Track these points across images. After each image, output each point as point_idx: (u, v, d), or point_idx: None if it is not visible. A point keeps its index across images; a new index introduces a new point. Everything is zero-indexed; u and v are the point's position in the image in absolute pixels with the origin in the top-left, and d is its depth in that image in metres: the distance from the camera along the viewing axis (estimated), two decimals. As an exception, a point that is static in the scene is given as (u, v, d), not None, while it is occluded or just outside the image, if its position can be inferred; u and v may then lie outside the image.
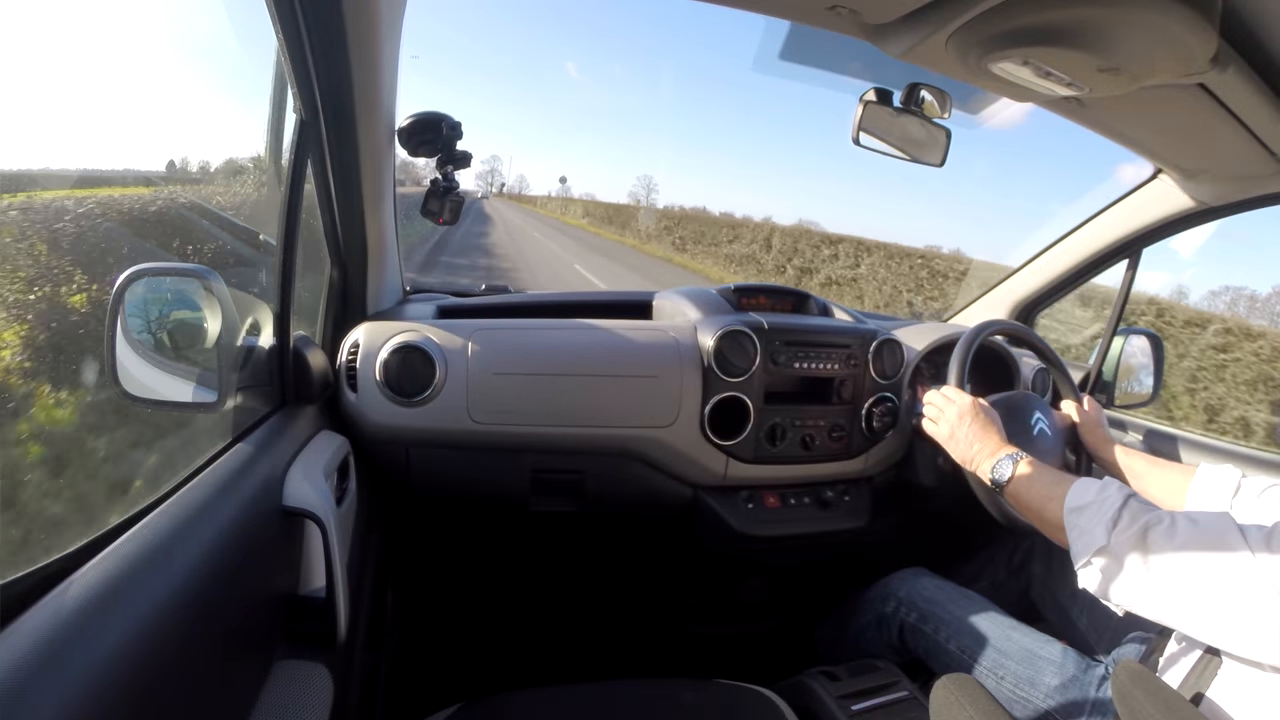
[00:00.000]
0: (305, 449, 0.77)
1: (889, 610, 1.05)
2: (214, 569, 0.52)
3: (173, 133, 1.00)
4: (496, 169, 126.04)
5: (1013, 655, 0.89)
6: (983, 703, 0.64)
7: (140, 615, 0.43)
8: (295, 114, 0.76)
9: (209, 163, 1.17)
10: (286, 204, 0.74)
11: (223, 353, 0.66)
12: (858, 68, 0.98)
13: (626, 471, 1.08)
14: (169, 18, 0.89)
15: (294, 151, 0.77)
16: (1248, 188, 1.10)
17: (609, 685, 0.85)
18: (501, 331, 1.01)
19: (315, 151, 0.82)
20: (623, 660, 1.40)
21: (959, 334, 1.10)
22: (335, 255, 0.98)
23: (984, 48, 0.70)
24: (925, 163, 1.01)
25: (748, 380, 1.07)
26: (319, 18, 0.70)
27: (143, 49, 0.81)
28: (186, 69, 0.94)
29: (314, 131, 0.79)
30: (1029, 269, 1.51)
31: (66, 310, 0.72)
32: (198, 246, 1.00)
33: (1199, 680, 0.67)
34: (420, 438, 0.98)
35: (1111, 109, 0.90)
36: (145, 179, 0.93)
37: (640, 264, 18.00)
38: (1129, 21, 0.61)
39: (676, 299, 1.19)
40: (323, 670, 0.70)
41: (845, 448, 1.16)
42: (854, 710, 0.85)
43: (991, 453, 0.89)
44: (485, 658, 1.36)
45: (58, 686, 0.35)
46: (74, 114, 0.67)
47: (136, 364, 0.62)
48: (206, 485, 0.57)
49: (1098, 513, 0.70)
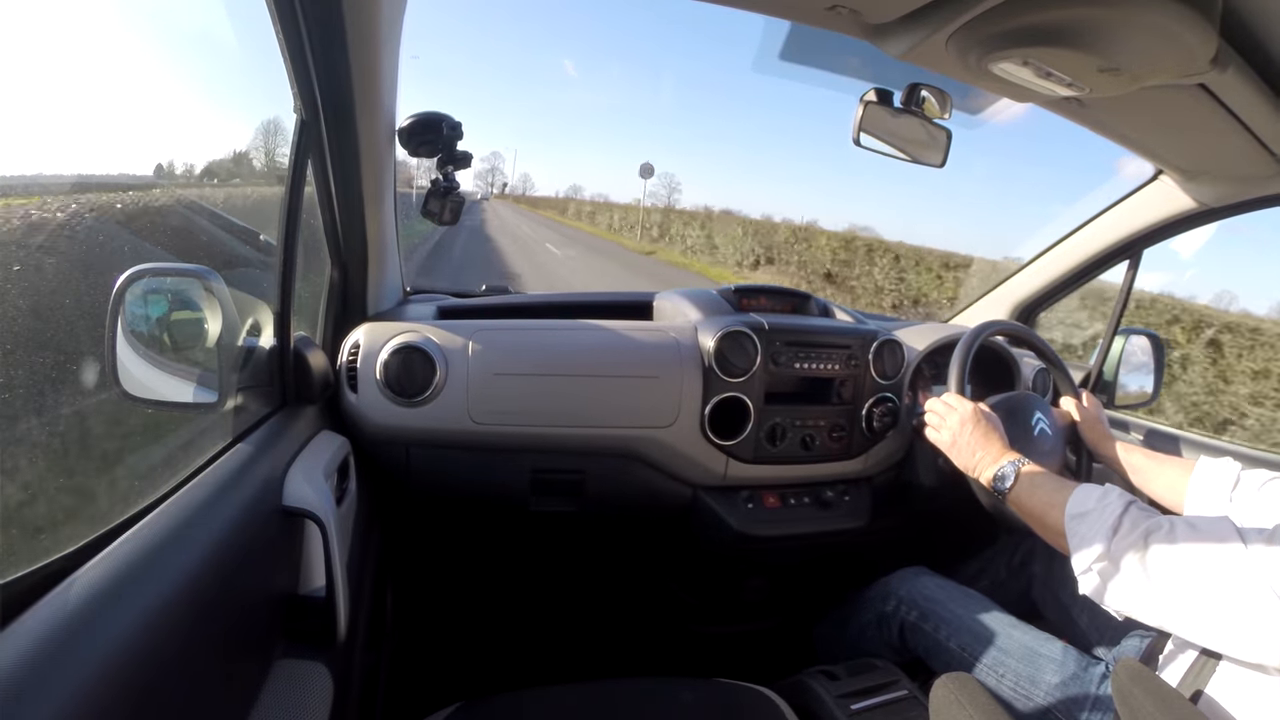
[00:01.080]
0: (305, 449, 0.78)
1: (889, 609, 1.05)
2: (214, 569, 0.52)
3: (172, 133, 1.00)
4: (498, 167, 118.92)
5: (1013, 653, 0.89)
6: (982, 701, 0.64)
7: (140, 614, 0.43)
8: (295, 114, 0.76)
9: (209, 162, 1.17)
10: (286, 204, 0.74)
11: (223, 353, 0.67)
12: (858, 68, 0.98)
13: (627, 472, 1.08)
14: (169, 17, 0.89)
15: (294, 151, 0.77)
16: (1248, 188, 1.10)
17: (609, 685, 0.85)
18: (502, 332, 1.01)
19: (315, 151, 0.82)
20: (623, 660, 1.40)
21: (959, 334, 1.10)
22: (335, 255, 0.98)
23: (984, 48, 0.70)
24: (926, 163, 1.01)
25: (748, 380, 1.07)
26: (319, 17, 0.70)
27: (141, 49, 0.81)
28: (186, 69, 0.94)
29: (314, 131, 0.79)
30: (1030, 269, 1.51)
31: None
32: (203, 248, 1.00)
33: (1198, 678, 0.67)
34: (420, 438, 0.98)
35: (1112, 109, 0.90)
36: (142, 181, 0.93)
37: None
38: (1129, 22, 0.61)
39: (677, 299, 1.20)
40: (323, 669, 0.70)
41: (845, 448, 1.16)
42: (854, 709, 0.85)
43: (994, 460, 0.90)
44: (485, 657, 1.36)
45: (58, 686, 0.35)
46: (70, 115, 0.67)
47: (136, 364, 0.62)
48: (206, 485, 0.58)
49: (1099, 519, 0.70)
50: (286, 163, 0.77)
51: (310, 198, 0.87)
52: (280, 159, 0.84)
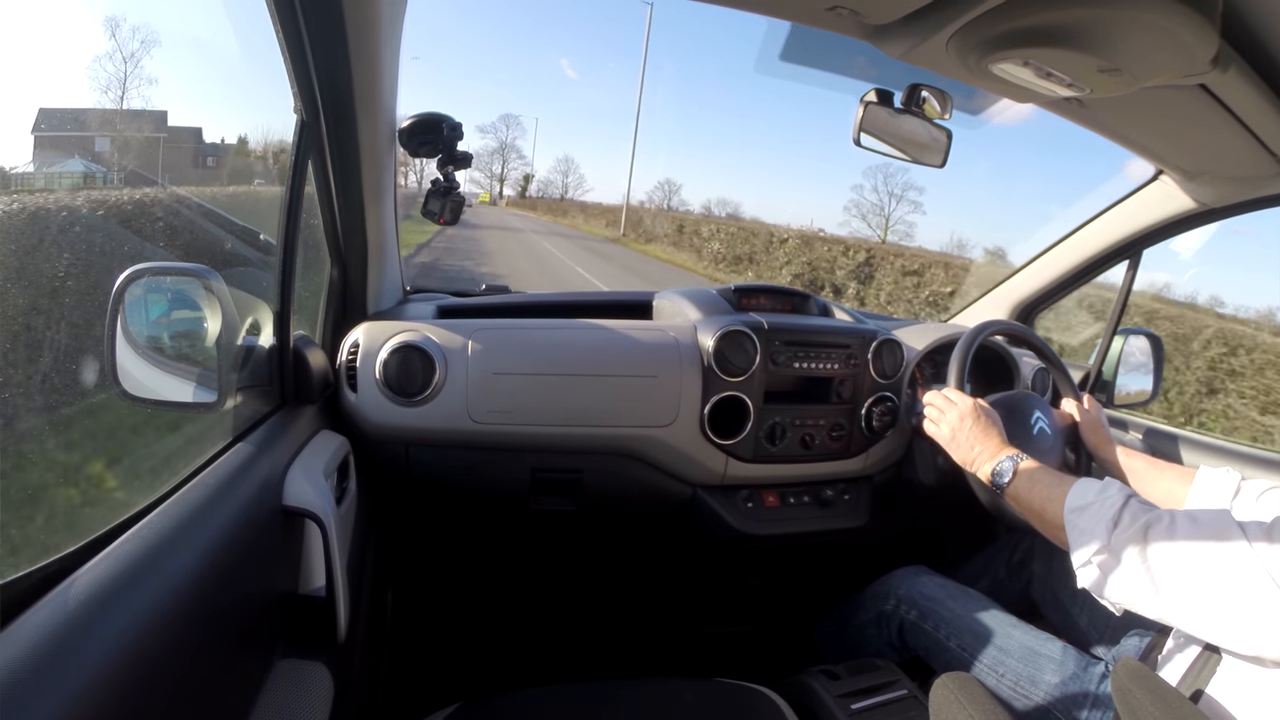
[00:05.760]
0: (305, 449, 0.78)
1: (889, 608, 1.05)
2: (214, 568, 0.52)
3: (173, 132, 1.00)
4: (512, 144, 62.11)
5: (1013, 653, 0.89)
6: (982, 701, 0.65)
7: (140, 614, 0.43)
8: (296, 115, 0.76)
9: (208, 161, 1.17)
10: (287, 204, 0.74)
11: (223, 352, 0.67)
12: (859, 68, 0.98)
13: (626, 471, 1.08)
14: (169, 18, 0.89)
15: (294, 151, 0.77)
16: (1249, 189, 1.10)
17: (609, 685, 0.85)
18: (501, 331, 1.01)
19: (316, 151, 0.82)
20: (623, 660, 1.40)
21: (959, 334, 1.10)
22: (335, 255, 0.98)
23: (984, 49, 0.70)
24: (926, 164, 1.01)
25: (747, 380, 1.07)
26: (319, 17, 0.70)
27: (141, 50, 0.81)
28: (184, 70, 0.94)
29: (314, 132, 0.79)
30: (1029, 269, 1.51)
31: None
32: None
33: (1198, 677, 0.67)
34: (420, 437, 0.98)
35: (1112, 110, 0.90)
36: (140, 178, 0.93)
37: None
38: (1129, 22, 0.61)
39: (676, 299, 1.20)
40: (323, 669, 0.70)
41: (845, 447, 1.16)
42: (854, 709, 0.85)
43: (992, 455, 0.90)
44: (485, 657, 1.36)
45: (58, 686, 0.35)
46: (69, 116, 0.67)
47: (136, 364, 0.62)
48: (206, 485, 0.58)
49: (1098, 513, 0.70)
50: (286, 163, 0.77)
51: (310, 197, 0.87)
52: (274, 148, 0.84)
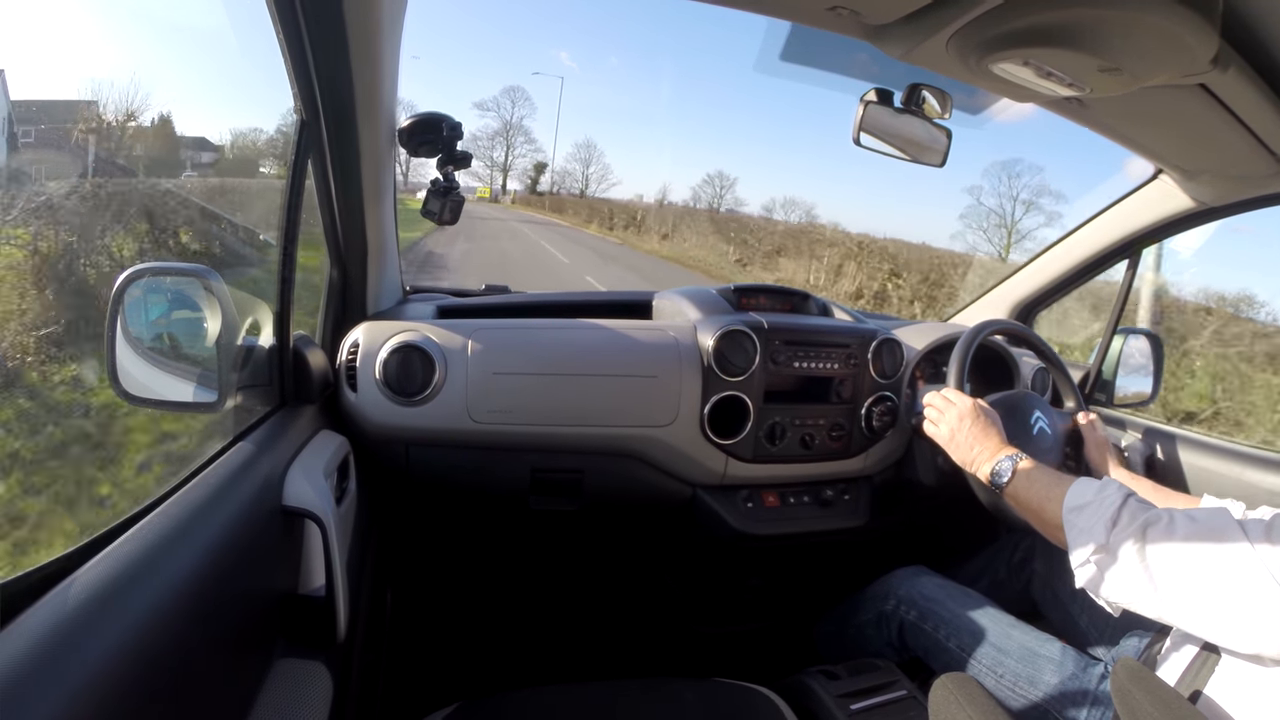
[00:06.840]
0: (305, 449, 0.78)
1: (889, 608, 1.05)
2: (214, 568, 0.52)
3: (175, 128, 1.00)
4: (519, 123, 42.90)
5: (1012, 653, 0.89)
6: (981, 701, 0.65)
7: (140, 614, 0.43)
8: (296, 115, 0.76)
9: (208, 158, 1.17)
10: (287, 204, 0.74)
11: (222, 352, 0.67)
12: (859, 68, 0.98)
13: (626, 471, 1.08)
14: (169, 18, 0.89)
15: (294, 152, 0.77)
16: (1248, 188, 1.10)
17: (609, 685, 0.85)
18: (501, 331, 1.01)
19: (315, 152, 0.82)
20: (623, 660, 1.40)
21: (959, 333, 1.10)
22: (335, 255, 0.98)
23: (984, 49, 0.70)
24: (925, 163, 1.01)
25: (747, 380, 1.07)
26: (319, 18, 0.70)
27: (140, 49, 0.81)
28: (185, 69, 0.94)
29: (314, 132, 0.79)
30: (1029, 269, 1.51)
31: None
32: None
33: (1196, 678, 0.67)
34: (420, 437, 0.98)
35: (1112, 109, 0.90)
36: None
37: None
38: (1129, 22, 0.61)
39: (676, 299, 1.20)
40: (322, 669, 0.70)
41: (845, 447, 1.16)
42: (853, 709, 0.85)
43: (992, 454, 0.90)
44: (485, 657, 1.36)
45: (57, 686, 0.35)
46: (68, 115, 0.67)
47: (136, 364, 0.62)
48: (206, 485, 0.58)
49: (1097, 512, 0.70)
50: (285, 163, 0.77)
51: (310, 197, 0.87)
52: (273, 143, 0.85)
